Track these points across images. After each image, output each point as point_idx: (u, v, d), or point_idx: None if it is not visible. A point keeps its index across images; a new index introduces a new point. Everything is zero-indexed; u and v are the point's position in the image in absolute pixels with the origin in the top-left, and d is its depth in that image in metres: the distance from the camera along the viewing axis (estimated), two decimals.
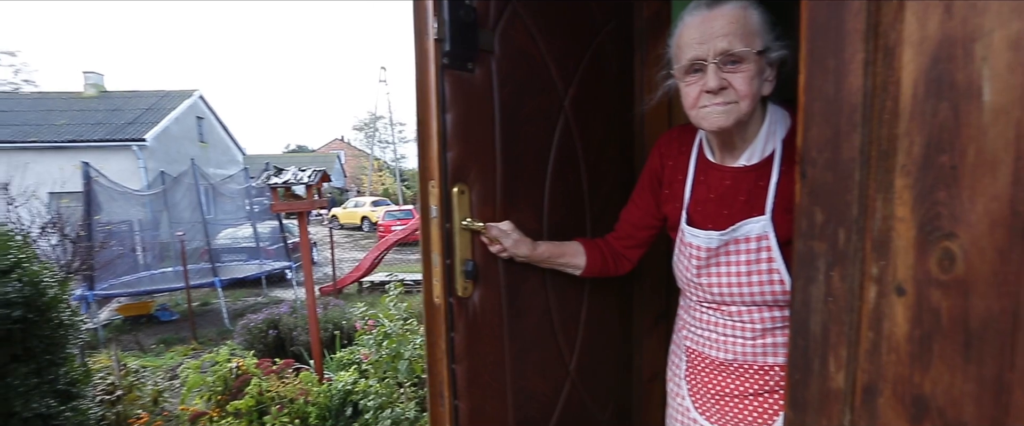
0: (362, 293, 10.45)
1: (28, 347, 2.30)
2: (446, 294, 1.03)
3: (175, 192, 9.72)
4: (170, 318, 8.90)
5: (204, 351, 7.08)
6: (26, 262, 2.32)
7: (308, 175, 3.81)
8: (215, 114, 20.72)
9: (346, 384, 4.20)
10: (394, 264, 14.45)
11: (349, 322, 5.97)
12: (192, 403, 4.25)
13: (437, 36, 0.95)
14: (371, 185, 34.06)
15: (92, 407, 2.98)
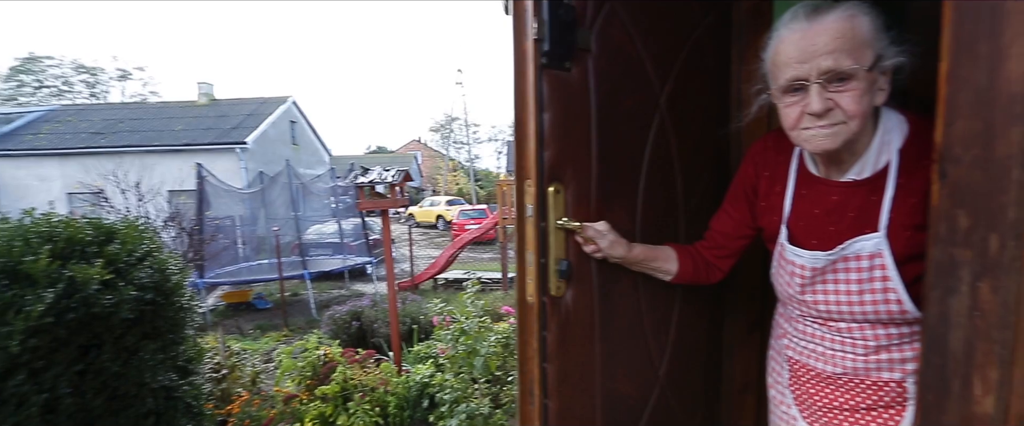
0: (437, 289, 10.77)
1: (156, 327, 2.57)
2: (540, 293, 1.03)
3: (271, 190, 10.54)
4: (265, 306, 9.65)
5: (294, 338, 7.61)
6: (156, 251, 2.60)
7: (391, 175, 3.98)
8: (305, 118, 22.24)
9: (424, 377, 4.35)
10: (467, 262, 14.79)
11: (426, 317, 6.17)
12: (285, 385, 4.59)
13: (536, 36, 0.96)
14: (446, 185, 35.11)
15: (204, 383, 3.27)
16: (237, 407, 4.24)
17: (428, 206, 25.56)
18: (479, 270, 12.61)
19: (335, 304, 7.34)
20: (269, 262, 10.30)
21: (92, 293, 2.12)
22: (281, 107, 19.91)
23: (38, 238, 2.15)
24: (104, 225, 2.48)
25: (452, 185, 36.47)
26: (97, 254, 2.29)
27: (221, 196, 9.64)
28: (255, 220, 10.83)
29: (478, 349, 3.99)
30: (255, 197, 10.69)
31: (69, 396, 2.17)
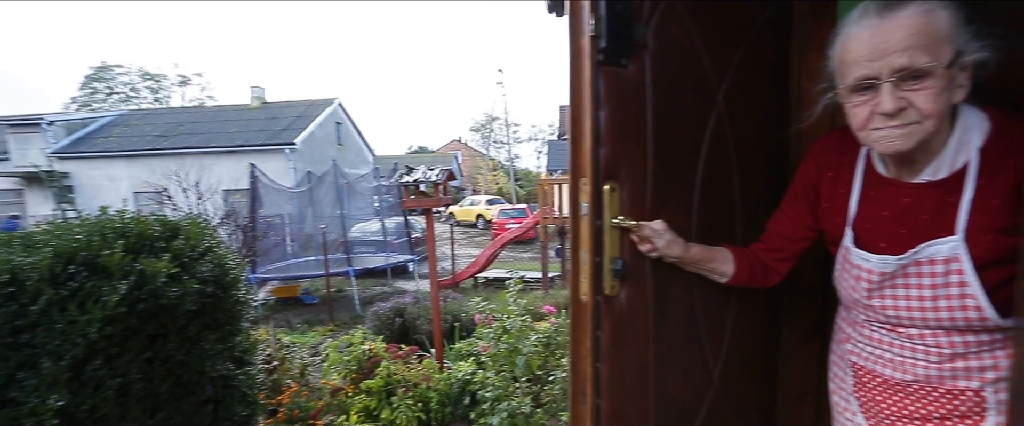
0: (477, 288, 10.86)
1: (215, 318, 2.69)
2: (594, 292, 1.03)
3: (319, 189, 10.90)
4: (312, 301, 9.98)
5: (340, 333, 7.85)
6: (216, 247, 2.73)
7: (435, 174, 4.03)
8: (350, 119, 22.89)
9: (465, 374, 4.40)
10: (507, 261, 14.84)
11: (467, 315, 6.23)
12: (331, 378, 4.73)
13: (593, 33, 0.96)
14: (486, 184, 35.37)
15: (258, 374, 3.41)
16: (287, 397, 4.40)
17: (468, 205, 25.81)
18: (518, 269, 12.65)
19: (379, 301, 7.52)
20: (316, 259, 10.66)
21: (160, 285, 2.24)
22: (327, 109, 20.56)
23: (113, 233, 2.29)
24: (170, 222, 2.62)
25: (492, 184, 36.71)
26: (164, 249, 2.42)
27: (272, 195, 10.05)
28: (303, 218, 11.22)
29: (520, 348, 3.99)
30: (303, 196, 11.07)
31: (139, 381, 2.30)
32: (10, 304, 1.93)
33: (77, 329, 2.02)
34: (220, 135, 19.03)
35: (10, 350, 1.95)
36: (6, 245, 2.12)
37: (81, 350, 2.04)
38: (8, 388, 1.98)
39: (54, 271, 2.04)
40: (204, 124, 20.44)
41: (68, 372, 2.03)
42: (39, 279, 1.99)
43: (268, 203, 9.88)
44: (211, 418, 2.78)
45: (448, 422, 4.34)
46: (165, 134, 19.90)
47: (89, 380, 2.10)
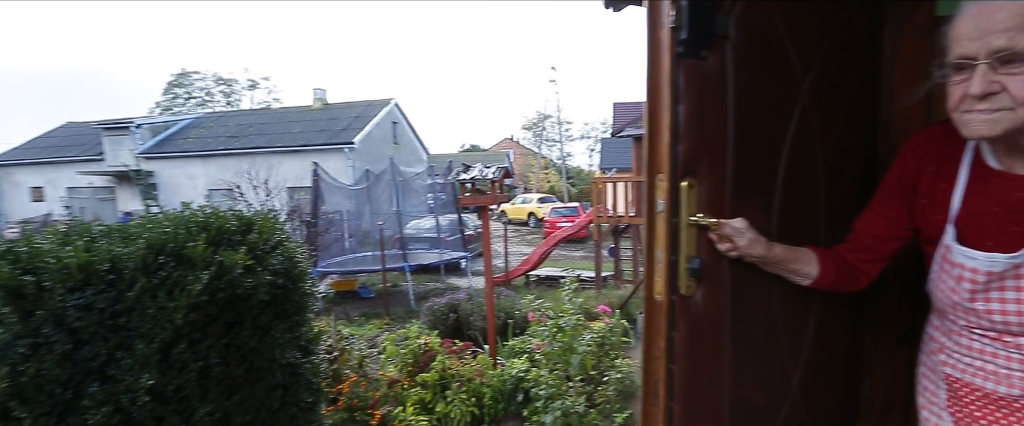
0: (529, 286, 10.87)
1: (285, 309, 2.83)
2: (669, 291, 1.00)
3: (376, 187, 11.26)
4: (368, 295, 10.32)
5: (395, 326, 8.07)
6: (286, 241, 2.86)
7: (491, 171, 4.06)
8: (406, 118, 23.50)
9: (519, 371, 4.41)
10: (559, 259, 14.77)
11: (520, 312, 6.25)
12: (388, 370, 4.87)
13: (673, 24, 0.93)
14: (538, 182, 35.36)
15: (321, 363, 3.55)
16: (347, 387, 4.56)
17: (520, 203, 25.91)
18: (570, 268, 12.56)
19: (434, 296, 7.66)
20: (372, 254, 11.01)
21: (237, 276, 2.38)
22: (384, 109, 21.20)
23: (196, 227, 2.45)
24: (245, 216, 2.78)
25: (544, 183, 36.67)
26: (240, 242, 2.56)
27: (333, 192, 10.47)
28: (360, 215, 11.62)
29: (575, 347, 3.96)
30: (361, 193, 11.46)
31: (218, 365, 2.45)
32: (111, 290, 2.11)
33: (165, 315, 2.17)
34: (285, 135, 20.04)
35: (110, 332, 2.13)
36: (106, 236, 2.31)
37: (169, 334, 2.20)
38: (108, 366, 2.16)
39: (147, 261, 2.21)
40: (270, 125, 21.59)
41: (158, 354, 2.19)
42: (134, 268, 2.16)
43: (329, 200, 10.29)
44: (280, 403, 2.92)
45: (501, 418, 4.36)
46: (236, 135, 21.15)
47: (175, 362, 2.25)
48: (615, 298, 7.19)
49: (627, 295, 7.27)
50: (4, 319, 2.02)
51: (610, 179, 8.72)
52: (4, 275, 2.01)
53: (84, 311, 2.07)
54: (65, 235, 2.29)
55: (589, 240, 19.10)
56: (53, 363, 2.07)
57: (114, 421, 2.13)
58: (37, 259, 2.08)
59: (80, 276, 2.07)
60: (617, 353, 4.78)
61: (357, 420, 4.40)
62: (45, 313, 2.03)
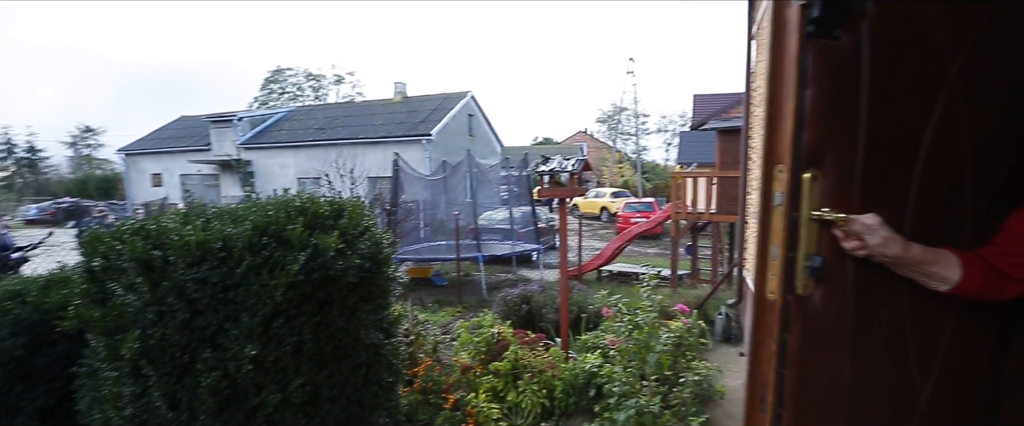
0: (601, 281, 10.72)
1: (370, 292, 2.96)
2: (783, 290, 0.92)
3: (453, 178, 11.52)
4: (441, 283, 10.62)
5: (468, 314, 8.24)
6: (373, 227, 2.99)
7: (571, 163, 4.01)
8: (482, 111, 23.85)
9: (592, 366, 4.35)
10: (631, 256, 14.45)
11: (595, 306, 6.17)
12: (461, 356, 4.98)
13: (803, 0, 0.84)
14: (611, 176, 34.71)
15: (401, 345, 3.69)
16: (422, 370, 4.71)
17: (592, 197, 25.57)
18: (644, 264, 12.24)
19: (507, 287, 7.74)
20: (446, 243, 11.30)
21: (329, 258, 2.51)
22: (461, 102, 21.64)
23: (294, 211, 2.61)
24: (336, 202, 2.92)
25: (617, 177, 35.93)
26: (332, 226, 2.70)
27: (412, 182, 10.85)
28: (436, 204, 11.96)
29: (652, 345, 3.85)
30: (437, 184, 11.78)
31: (310, 341, 2.60)
32: (222, 266, 2.30)
33: (267, 291, 2.34)
34: (367, 127, 21.02)
35: (221, 304, 2.33)
36: (219, 218, 2.52)
37: (269, 309, 2.37)
38: (218, 335, 2.36)
39: (253, 241, 2.38)
40: (354, 118, 22.72)
41: (259, 327, 2.37)
42: (242, 247, 2.34)
43: (407, 190, 10.67)
44: (363, 381, 3.07)
45: (571, 412, 4.33)
46: (323, 127, 22.48)
47: (274, 335, 2.42)
48: (692, 297, 6.90)
49: (705, 295, 6.96)
50: (136, 288, 2.25)
51: (691, 174, 8.34)
52: (137, 249, 2.24)
53: (200, 284, 2.28)
54: (185, 216, 2.52)
55: (663, 237, 18.52)
56: (174, 329, 2.29)
57: (222, 385, 2.33)
58: (163, 236, 2.31)
59: (198, 252, 2.27)
60: (694, 354, 4.59)
61: (431, 403, 4.53)
62: (169, 284, 2.25)
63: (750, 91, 4.83)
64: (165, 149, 25.36)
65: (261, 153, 22.72)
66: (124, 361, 2.34)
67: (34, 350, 2.91)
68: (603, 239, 17.81)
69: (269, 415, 2.50)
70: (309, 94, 45.26)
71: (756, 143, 4.70)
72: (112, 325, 2.33)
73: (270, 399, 2.47)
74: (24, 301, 2.94)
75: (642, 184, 30.48)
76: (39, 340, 2.91)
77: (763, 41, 4.44)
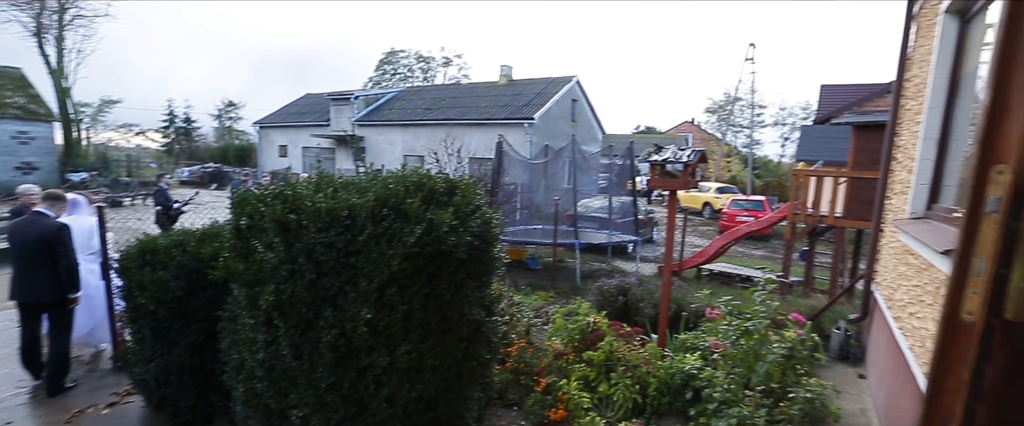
0: (701, 279, 10.20)
1: (475, 269, 3.02)
2: (987, 312, 0.77)
3: (555, 163, 11.49)
4: (535, 266, 10.69)
5: (559, 300, 8.24)
6: (482, 205, 3.04)
7: (687, 154, 3.79)
8: (586, 96, 23.49)
9: (691, 367, 4.15)
10: (734, 256, 13.58)
11: (698, 305, 5.88)
12: (554, 342, 4.98)
13: None
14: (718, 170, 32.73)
15: (499, 324, 3.75)
16: (515, 351, 4.78)
17: (695, 191, 24.31)
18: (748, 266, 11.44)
19: (603, 277, 7.62)
20: (542, 227, 11.34)
21: (442, 233, 2.59)
22: (565, 86, 21.46)
23: (413, 186, 2.72)
24: (450, 180, 3.00)
25: (724, 171, 33.80)
26: (447, 203, 2.78)
27: (513, 165, 10.97)
28: (534, 188, 12.01)
29: (763, 354, 3.57)
30: (539, 168, 11.81)
31: (419, 311, 2.72)
32: (347, 233, 2.46)
33: (384, 260, 2.47)
34: (472, 109, 21.58)
35: (343, 268, 2.50)
36: (345, 188, 2.69)
37: (385, 277, 2.50)
38: (339, 297, 2.54)
39: (374, 212, 2.52)
40: (460, 99, 23.43)
41: (375, 293, 2.51)
42: (365, 217, 2.48)
43: (508, 172, 10.82)
44: (463, 355, 3.16)
45: (664, 412, 4.17)
46: (430, 107, 23.45)
47: (387, 302, 2.56)
48: (804, 307, 6.31)
49: (820, 306, 6.33)
50: (274, 246, 2.48)
51: (815, 172, 7.54)
52: (277, 212, 2.46)
53: (327, 248, 2.46)
54: (317, 184, 2.73)
55: (772, 238, 17.14)
56: (303, 287, 2.50)
57: (339, 343, 2.52)
58: (298, 202, 2.52)
59: (327, 218, 2.45)
60: (805, 369, 4.21)
61: (521, 383, 4.59)
62: (301, 245, 2.46)
63: (902, 81, 4.24)
64: (291, 123, 27.95)
65: (373, 130, 24.24)
66: (260, 311, 2.60)
67: (190, 292, 3.34)
68: (703, 236, 16.90)
69: (378, 376, 2.66)
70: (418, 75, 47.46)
71: (905, 141, 4.11)
72: (252, 278, 2.59)
73: (379, 361, 2.62)
74: (185, 250, 3.38)
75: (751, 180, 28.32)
76: (194, 284, 3.34)
77: (927, 22, 3.84)
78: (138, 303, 3.35)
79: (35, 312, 4.12)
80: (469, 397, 3.43)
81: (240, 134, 44.36)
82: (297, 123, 27.59)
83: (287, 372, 2.63)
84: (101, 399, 4.05)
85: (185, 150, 40.64)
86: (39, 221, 4.04)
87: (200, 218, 7.29)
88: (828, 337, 5.79)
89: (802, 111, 38.63)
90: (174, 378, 3.46)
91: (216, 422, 3.68)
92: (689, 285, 7.46)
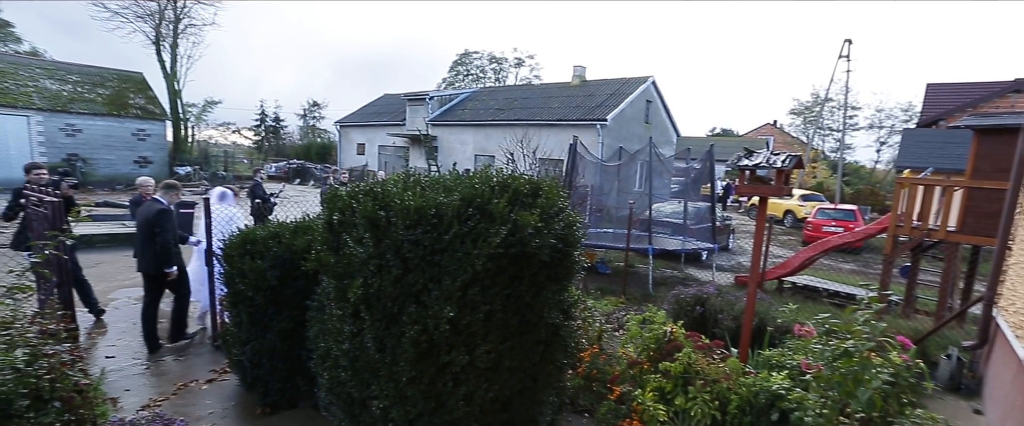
0: (782, 292, 9.58)
1: (556, 272, 2.99)
2: None
3: (629, 166, 11.21)
4: (605, 271, 10.48)
5: (632, 307, 8.02)
6: (566, 208, 2.99)
7: (782, 159, 3.55)
8: (661, 97, 22.80)
9: (778, 387, 3.88)
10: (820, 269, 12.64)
11: (786, 319, 5.53)
12: (627, 349, 4.83)
13: None
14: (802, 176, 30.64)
15: (576, 328, 3.69)
16: (587, 356, 4.69)
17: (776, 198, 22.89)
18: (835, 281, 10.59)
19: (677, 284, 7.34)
20: (612, 231, 11.10)
21: (527, 235, 2.57)
22: (640, 87, 20.93)
23: (498, 187, 2.72)
24: (533, 181, 2.98)
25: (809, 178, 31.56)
26: (531, 204, 2.76)
27: (587, 167, 10.81)
28: (606, 191, 11.78)
29: (866, 379, 3.26)
30: (610, 170, 11.58)
31: (499, 312, 2.71)
32: (433, 232, 2.50)
33: (469, 259, 2.48)
34: (544, 110, 21.56)
35: (428, 266, 2.54)
36: (432, 187, 2.74)
37: (469, 276, 2.51)
38: (422, 294, 2.58)
39: (461, 211, 2.55)
40: (532, 100, 23.47)
41: (458, 292, 2.53)
42: (452, 216, 2.51)
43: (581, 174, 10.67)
44: (540, 358, 3.13)
45: None
46: (503, 108, 23.67)
47: (469, 301, 2.57)
48: (906, 330, 5.73)
49: (927, 330, 5.72)
50: (364, 242, 2.57)
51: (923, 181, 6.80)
52: (368, 208, 2.55)
53: (414, 245, 2.51)
54: (404, 182, 2.80)
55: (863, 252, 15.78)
56: (389, 282, 2.57)
57: (421, 339, 2.56)
58: (388, 199, 2.59)
59: (415, 216, 2.50)
60: (910, 398, 3.81)
61: (593, 390, 4.50)
62: (389, 242, 2.52)
63: None
64: (369, 123, 29.24)
65: (445, 130, 24.84)
66: (348, 303, 2.70)
67: (283, 282, 3.55)
68: (783, 246, 15.87)
69: (456, 374, 2.69)
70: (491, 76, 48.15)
71: None
72: (342, 271, 2.69)
73: (459, 359, 2.64)
74: (280, 241, 3.59)
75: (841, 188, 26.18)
76: (287, 274, 3.54)
77: None
78: (238, 289, 3.60)
79: (152, 283, 4.90)
80: (543, 401, 3.40)
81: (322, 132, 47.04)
82: (375, 123, 28.83)
83: (370, 364, 2.71)
84: (202, 375, 4.40)
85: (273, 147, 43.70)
86: (152, 207, 4.81)
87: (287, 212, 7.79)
88: (934, 364, 5.24)
89: (903, 113, 35.34)
90: (266, 361, 3.69)
91: (301, 405, 3.89)
92: (771, 298, 7.01)
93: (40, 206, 3.49)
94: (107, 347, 4.94)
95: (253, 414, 3.76)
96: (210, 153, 33.13)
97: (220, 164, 30.52)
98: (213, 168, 28.01)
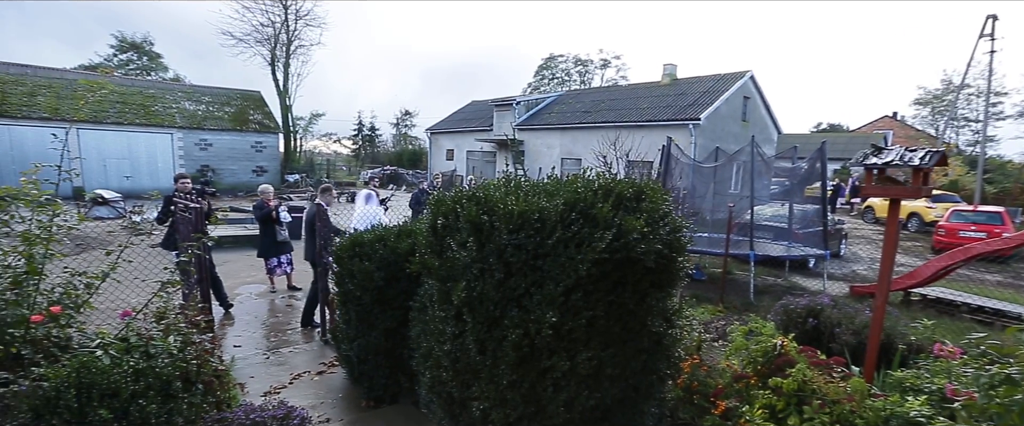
0: (910, 306, 8.55)
1: (660, 279, 2.86)
2: None
3: (727, 167, 10.59)
4: (700, 277, 9.97)
5: (731, 316, 7.54)
6: (671, 212, 2.86)
7: (919, 156, 3.15)
8: (760, 93, 21.34)
9: (916, 414, 3.44)
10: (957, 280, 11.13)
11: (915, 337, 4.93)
12: (732, 361, 4.52)
13: None
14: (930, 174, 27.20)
15: (682, 337, 3.51)
16: (687, 367, 4.46)
17: None
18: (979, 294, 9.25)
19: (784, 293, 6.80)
20: (708, 236, 10.53)
21: (632, 240, 2.48)
22: (737, 83, 19.75)
23: (601, 191, 2.66)
24: (636, 184, 2.87)
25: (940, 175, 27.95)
26: (635, 209, 2.66)
27: (681, 168, 10.36)
28: (700, 193, 11.20)
29: None
30: (708, 172, 11.00)
31: (602, 318, 2.65)
32: (536, 236, 2.49)
33: (572, 264, 2.44)
34: (632, 111, 21.01)
35: (530, 270, 2.53)
36: (535, 192, 2.73)
37: (572, 281, 2.47)
38: (524, 298, 2.57)
39: (563, 216, 2.51)
40: (619, 101, 22.97)
41: (561, 297, 2.49)
42: (554, 220, 2.48)
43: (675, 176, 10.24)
44: (642, 367, 3.02)
45: None
46: (589, 110, 23.39)
47: (572, 307, 2.53)
48: None
49: None
50: (468, 246, 2.61)
51: None
52: (472, 213, 2.59)
53: (516, 250, 2.51)
54: (506, 187, 2.82)
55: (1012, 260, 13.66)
56: (491, 287, 2.59)
57: (523, 343, 2.55)
58: (491, 204, 2.62)
59: (518, 221, 2.50)
60: None
61: (694, 403, 4.26)
62: (492, 246, 2.55)
63: None
64: (458, 129, 30.17)
65: (532, 134, 25.00)
66: (451, 306, 2.76)
67: (388, 282, 3.72)
68: (907, 253, 14.17)
69: (557, 380, 2.65)
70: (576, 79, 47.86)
71: None
72: (446, 274, 2.76)
73: (560, 365, 2.60)
74: (385, 244, 3.78)
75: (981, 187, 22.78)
76: (391, 276, 3.71)
77: None
78: (347, 289, 3.83)
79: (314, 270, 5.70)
80: (644, 412, 3.28)
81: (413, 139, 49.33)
82: (463, 129, 29.70)
83: (471, 365, 2.75)
84: (313, 367, 4.74)
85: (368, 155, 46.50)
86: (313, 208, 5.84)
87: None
88: None
89: None
90: (371, 357, 3.89)
91: (402, 401, 4.06)
92: (898, 311, 6.27)
93: (186, 212, 3.95)
94: (234, 337, 5.49)
95: (358, 406, 3.98)
96: (314, 162, 35.96)
97: (323, 172, 32.99)
98: (317, 175, 30.37)
